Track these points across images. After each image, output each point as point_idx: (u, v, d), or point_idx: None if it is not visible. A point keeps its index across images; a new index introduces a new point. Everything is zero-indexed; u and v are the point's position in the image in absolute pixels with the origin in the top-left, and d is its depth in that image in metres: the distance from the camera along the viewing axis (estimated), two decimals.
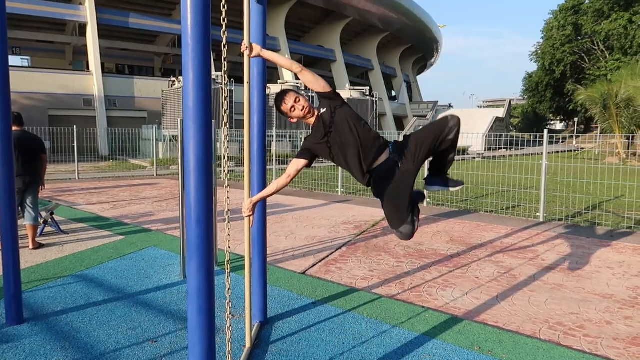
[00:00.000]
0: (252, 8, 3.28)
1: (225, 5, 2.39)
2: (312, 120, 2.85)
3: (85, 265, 5.15)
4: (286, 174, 2.81)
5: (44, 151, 5.95)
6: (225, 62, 2.44)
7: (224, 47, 2.38)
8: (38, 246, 5.90)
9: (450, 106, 49.09)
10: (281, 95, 2.81)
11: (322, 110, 2.82)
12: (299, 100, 2.79)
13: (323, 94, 2.85)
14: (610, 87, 23.32)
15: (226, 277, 2.51)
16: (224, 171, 2.51)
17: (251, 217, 2.95)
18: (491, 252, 5.96)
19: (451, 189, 3.12)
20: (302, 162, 2.81)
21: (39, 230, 6.32)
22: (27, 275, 4.73)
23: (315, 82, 2.82)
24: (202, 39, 1.85)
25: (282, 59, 2.90)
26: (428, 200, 9.62)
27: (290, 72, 3.14)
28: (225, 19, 2.35)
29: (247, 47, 2.79)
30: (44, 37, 28.99)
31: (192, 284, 1.93)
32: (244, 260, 3.79)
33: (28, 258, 5.41)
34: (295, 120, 2.84)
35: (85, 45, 27.23)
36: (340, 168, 11.56)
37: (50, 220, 6.72)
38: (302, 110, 2.78)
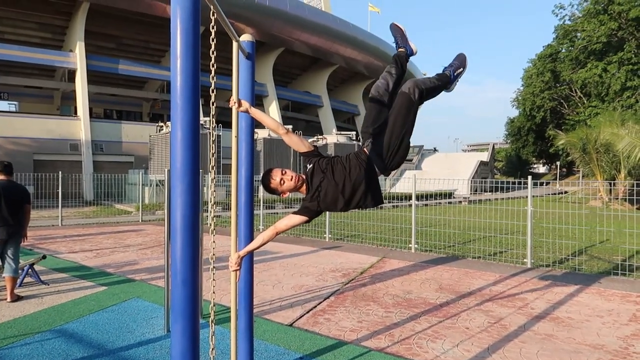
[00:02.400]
0: (240, 63, 3.35)
1: (215, 64, 2.44)
2: (304, 188, 2.86)
3: (64, 319, 4.98)
4: (274, 227, 2.79)
5: (29, 201, 5.86)
6: (214, 120, 2.47)
7: (213, 104, 2.42)
8: (16, 298, 5.71)
9: (435, 150, 49.86)
10: (266, 175, 2.83)
11: (309, 166, 2.86)
12: (286, 172, 2.81)
13: (308, 153, 2.90)
14: (589, 132, 23.96)
15: (210, 336, 2.44)
16: (211, 218, 2.49)
17: (238, 272, 2.90)
18: (480, 300, 5.91)
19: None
20: (296, 217, 2.80)
21: (18, 281, 6.13)
22: (3, 331, 4.56)
23: (301, 144, 2.89)
24: (190, 98, 1.88)
25: (269, 120, 2.93)
26: (416, 246, 9.60)
27: (275, 130, 3.23)
28: (214, 77, 2.39)
29: (235, 102, 2.83)
30: (32, 82, 29.16)
31: (176, 347, 1.86)
32: (229, 311, 3.68)
33: (5, 312, 5.22)
34: (287, 194, 2.84)
35: (74, 91, 27.41)
36: (327, 213, 11.58)
37: (30, 270, 6.53)
38: (291, 180, 2.79)
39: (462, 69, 3.14)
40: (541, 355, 4.12)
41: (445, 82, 3.07)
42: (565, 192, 25.59)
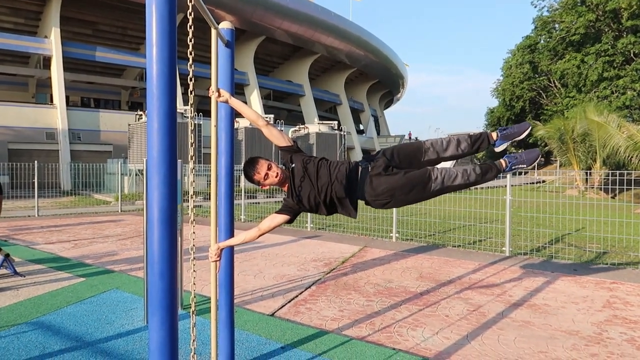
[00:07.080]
0: (219, 51, 3.29)
1: (193, 52, 2.39)
2: (286, 186, 2.81)
3: (41, 311, 4.89)
4: (257, 228, 2.77)
5: (1, 192, 5.73)
6: (193, 109, 2.42)
7: (191, 93, 2.37)
8: None
9: (416, 139, 50.18)
10: (252, 165, 2.74)
11: (292, 165, 2.81)
12: (272, 167, 2.74)
13: (287, 148, 2.85)
14: (566, 123, 24.36)
15: (191, 328, 2.42)
16: (191, 209, 2.45)
17: (218, 263, 2.88)
18: (460, 288, 5.99)
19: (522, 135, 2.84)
20: (279, 217, 2.76)
21: None
22: None
23: (280, 137, 2.84)
24: (167, 87, 1.83)
25: (249, 111, 2.87)
26: (397, 235, 9.67)
27: (254, 121, 3.13)
28: (193, 66, 2.34)
29: (214, 92, 2.78)
30: (6, 69, 28.31)
31: (154, 339, 1.84)
32: (210, 302, 3.66)
33: None
34: (267, 187, 2.80)
35: (50, 78, 26.76)
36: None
37: (5, 262, 6.39)
38: (276, 177, 2.74)
39: (525, 165, 2.79)
40: (518, 341, 4.21)
41: (492, 174, 2.76)
42: (543, 181, 26.04)
